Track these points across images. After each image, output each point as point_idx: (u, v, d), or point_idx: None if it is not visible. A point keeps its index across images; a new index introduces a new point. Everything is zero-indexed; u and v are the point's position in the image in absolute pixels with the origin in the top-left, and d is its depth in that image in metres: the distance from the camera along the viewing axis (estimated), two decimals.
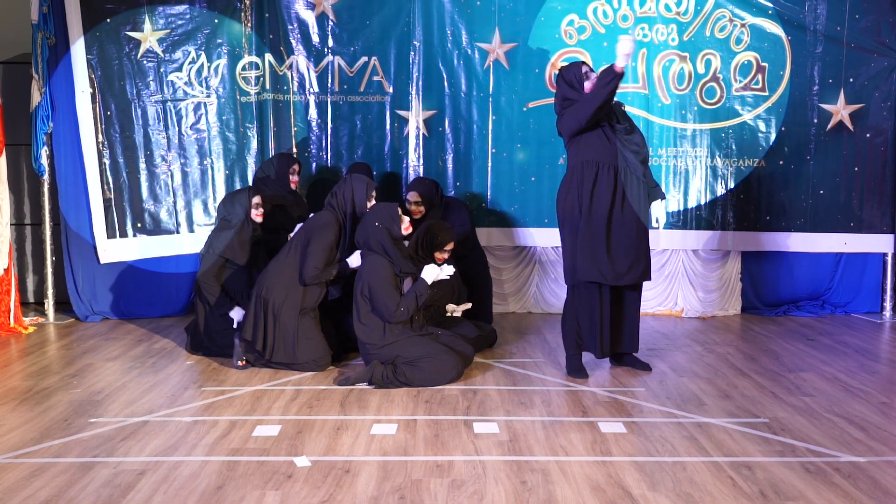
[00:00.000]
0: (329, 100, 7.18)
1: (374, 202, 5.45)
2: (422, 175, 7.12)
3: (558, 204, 5.18)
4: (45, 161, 6.88)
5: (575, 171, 5.09)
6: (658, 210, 5.19)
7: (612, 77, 4.83)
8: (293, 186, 6.50)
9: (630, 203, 5.06)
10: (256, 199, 5.85)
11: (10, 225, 6.72)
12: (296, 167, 6.54)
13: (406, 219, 5.21)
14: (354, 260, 5.33)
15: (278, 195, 6.33)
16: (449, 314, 5.63)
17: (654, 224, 5.22)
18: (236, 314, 5.60)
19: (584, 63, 5.15)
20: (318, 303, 5.40)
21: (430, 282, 5.10)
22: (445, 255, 5.65)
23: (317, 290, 5.36)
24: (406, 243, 5.49)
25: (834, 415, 4.44)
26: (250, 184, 6.86)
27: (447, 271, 5.15)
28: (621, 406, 4.59)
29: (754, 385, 5.04)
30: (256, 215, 5.83)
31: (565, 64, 5.26)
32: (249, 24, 7.03)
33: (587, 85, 5.05)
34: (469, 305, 5.67)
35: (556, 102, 5.19)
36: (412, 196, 6.27)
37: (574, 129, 5.03)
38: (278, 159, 6.55)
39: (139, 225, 6.95)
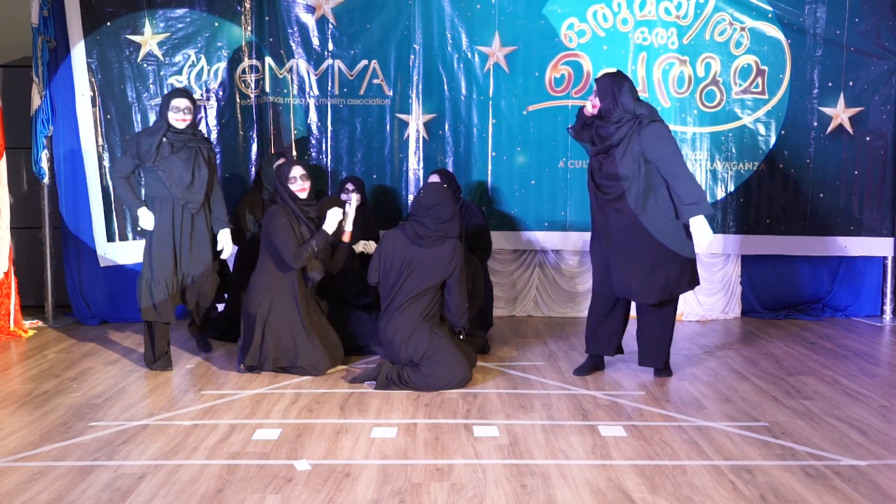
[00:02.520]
0: (329, 103, 7.18)
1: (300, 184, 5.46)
2: (421, 179, 7.12)
3: None
4: (45, 164, 6.88)
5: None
6: (697, 229, 4.91)
7: None
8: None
9: (643, 223, 4.96)
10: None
11: (10, 228, 6.72)
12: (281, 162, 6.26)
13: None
14: (329, 225, 5.34)
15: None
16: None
17: (697, 248, 5.01)
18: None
19: (628, 81, 5.06)
20: (309, 298, 5.40)
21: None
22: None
23: (298, 285, 5.34)
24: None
25: (834, 418, 4.44)
26: (251, 186, 6.85)
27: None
28: (621, 409, 4.59)
29: (754, 388, 5.04)
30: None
31: (623, 75, 5.12)
32: (249, 28, 7.04)
33: (590, 105, 5.08)
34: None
35: (607, 104, 5.00)
36: (434, 178, 6.24)
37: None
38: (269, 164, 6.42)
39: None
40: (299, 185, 5.39)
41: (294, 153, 7.11)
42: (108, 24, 6.81)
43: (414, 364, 4.93)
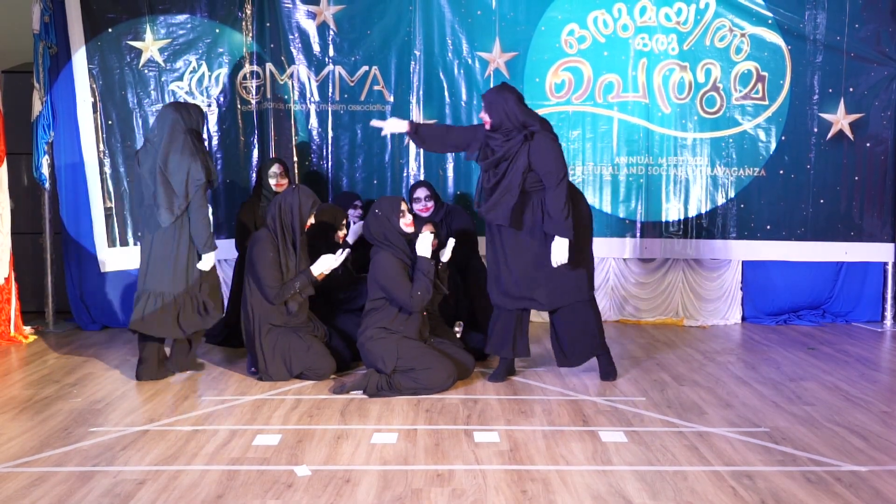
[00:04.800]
0: (330, 109, 7.18)
1: (313, 220, 5.36)
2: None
3: None
4: (45, 170, 6.89)
5: None
6: (556, 246, 5.06)
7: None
8: (277, 190, 6.12)
9: (527, 231, 5.14)
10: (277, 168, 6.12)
11: (11, 233, 6.72)
12: (275, 169, 6.21)
13: (409, 215, 5.19)
14: (316, 267, 5.26)
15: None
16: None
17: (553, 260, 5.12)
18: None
19: (514, 92, 5.20)
20: (297, 317, 5.33)
21: (428, 255, 5.11)
22: (344, 232, 5.75)
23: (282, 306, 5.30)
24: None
25: (835, 424, 4.43)
26: (251, 193, 6.85)
27: (426, 241, 5.13)
28: (622, 415, 4.59)
29: (755, 394, 5.03)
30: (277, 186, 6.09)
31: (508, 87, 5.25)
32: (250, 34, 7.05)
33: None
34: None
35: (498, 118, 5.13)
36: (421, 192, 6.17)
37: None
38: (260, 167, 6.40)
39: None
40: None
41: (295, 159, 7.12)
42: (110, 29, 6.82)
43: (403, 371, 4.95)
